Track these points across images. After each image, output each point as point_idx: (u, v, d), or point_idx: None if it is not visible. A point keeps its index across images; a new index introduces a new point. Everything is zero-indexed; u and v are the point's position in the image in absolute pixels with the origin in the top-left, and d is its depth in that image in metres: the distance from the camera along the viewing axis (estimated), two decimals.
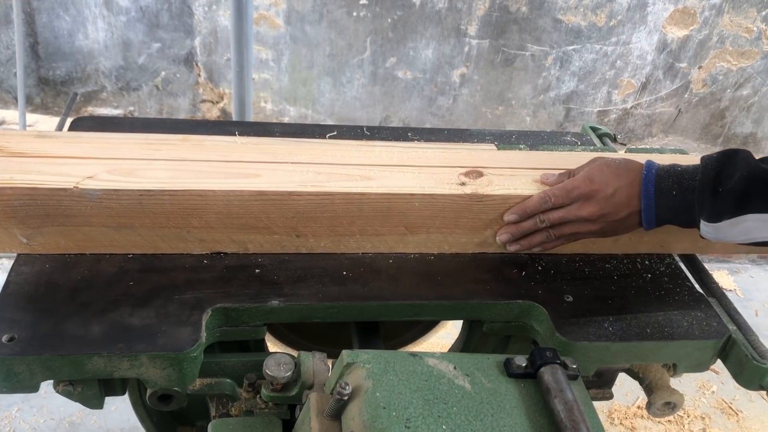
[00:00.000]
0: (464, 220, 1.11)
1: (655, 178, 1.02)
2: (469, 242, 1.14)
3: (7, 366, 0.87)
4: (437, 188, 1.09)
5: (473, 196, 1.09)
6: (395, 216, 1.09)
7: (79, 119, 1.37)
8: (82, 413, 2.12)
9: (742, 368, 1.04)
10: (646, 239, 1.19)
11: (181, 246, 1.07)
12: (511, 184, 1.12)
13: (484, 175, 1.14)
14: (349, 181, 1.08)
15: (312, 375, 0.96)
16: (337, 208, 1.06)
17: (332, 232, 1.09)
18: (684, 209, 1.00)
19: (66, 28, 3.20)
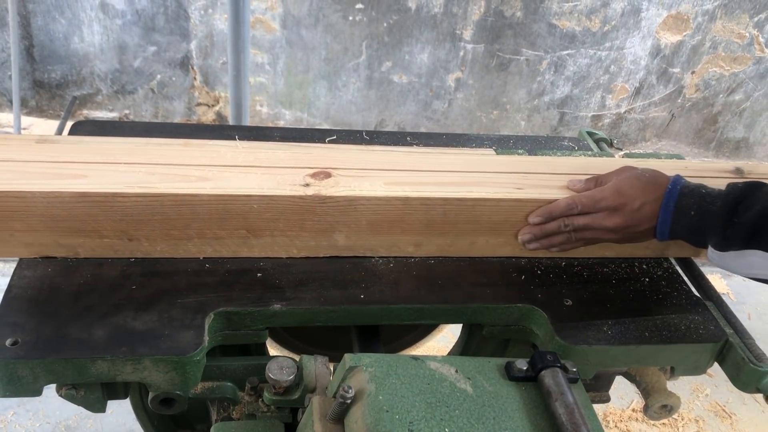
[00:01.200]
0: (309, 223, 1.07)
1: (678, 194, 1.03)
2: (318, 245, 1.11)
3: (11, 370, 0.87)
4: (277, 190, 1.05)
5: (315, 198, 1.05)
6: (234, 219, 1.05)
7: (78, 123, 1.37)
8: (78, 417, 2.12)
9: (739, 371, 1.05)
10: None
11: (6, 251, 1.03)
12: (358, 186, 1.08)
13: (332, 176, 1.10)
14: (182, 182, 1.03)
15: (314, 378, 0.97)
16: (168, 211, 1.02)
17: (167, 235, 1.05)
18: (697, 230, 1.02)
19: (61, 30, 3.19)
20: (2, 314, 0.93)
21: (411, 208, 1.09)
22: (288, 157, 1.16)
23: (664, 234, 1.05)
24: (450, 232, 1.13)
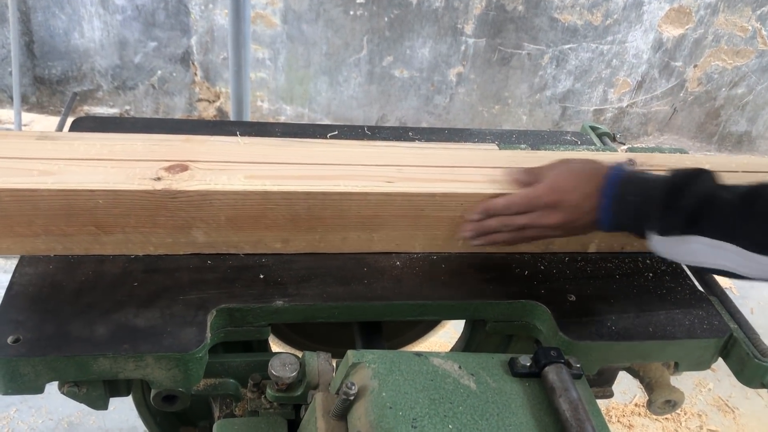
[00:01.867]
0: (162, 219, 1.02)
1: (620, 182, 1.00)
2: (176, 242, 1.06)
3: (13, 367, 0.87)
4: (125, 184, 0.99)
5: (165, 193, 1.00)
6: (80, 215, 1.00)
7: (79, 119, 1.37)
8: (80, 413, 2.12)
9: (743, 366, 1.05)
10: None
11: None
12: (214, 179, 1.03)
13: (189, 170, 1.05)
14: (23, 176, 0.98)
15: (317, 375, 0.96)
16: (8, 207, 0.97)
17: (11, 232, 1.00)
18: (639, 217, 0.98)
19: (62, 26, 3.19)
20: (4, 311, 0.93)
21: (272, 203, 1.04)
22: (145, 149, 1.10)
23: (606, 224, 1.01)
24: (317, 227, 1.08)
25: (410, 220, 1.10)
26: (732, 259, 0.90)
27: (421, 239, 1.13)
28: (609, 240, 1.18)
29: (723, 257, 0.91)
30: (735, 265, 0.91)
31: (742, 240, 0.89)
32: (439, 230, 1.12)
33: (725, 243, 0.90)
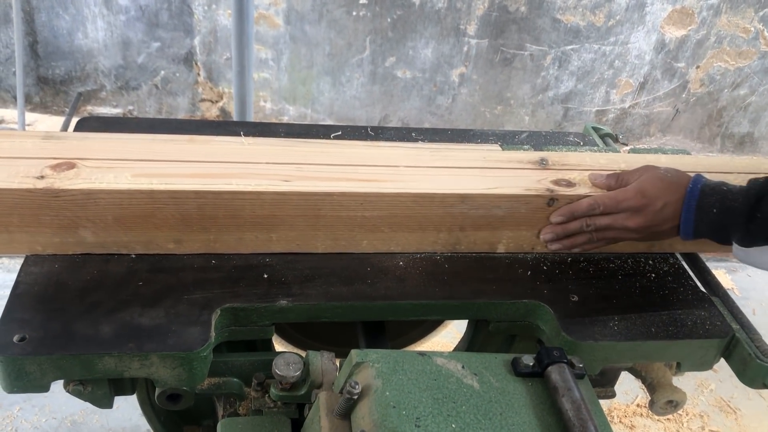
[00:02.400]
0: (47, 218, 1.00)
1: (699, 194, 1.04)
2: (64, 242, 1.03)
3: (19, 366, 0.87)
4: (5, 182, 0.97)
5: (48, 191, 0.97)
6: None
7: (84, 119, 1.37)
8: (84, 412, 2.13)
9: (745, 367, 1.05)
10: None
11: None
12: (100, 178, 1.00)
13: (76, 168, 1.02)
14: None
15: (321, 374, 0.97)
16: None
17: None
18: (721, 228, 1.03)
19: (65, 27, 3.20)
20: (10, 310, 0.93)
21: (160, 202, 1.01)
22: (34, 146, 1.08)
23: (688, 233, 1.06)
24: (211, 227, 1.06)
25: (309, 220, 1.08)
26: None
27: (322, 239, 1.11)
28: (518, 241, 1.17)
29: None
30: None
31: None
32: (340, 230, 1.10)
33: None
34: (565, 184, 1.15)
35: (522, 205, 1.12)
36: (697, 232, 1.05)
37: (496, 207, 1.11)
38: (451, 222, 1.12)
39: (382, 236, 1.12)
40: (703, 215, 1.03)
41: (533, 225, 1.15)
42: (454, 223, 1.12)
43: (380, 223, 1.10)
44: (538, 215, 1.14)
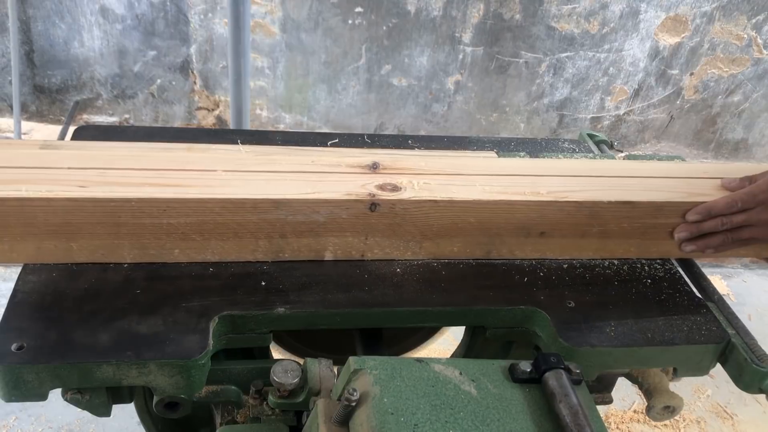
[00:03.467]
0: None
1: None
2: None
3: (17, 374, 0.87)
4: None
5: None
6: None
7: (81, 128, 1.38)
8: (80, 421, 2.12)
9: (741, 372, 1.05)
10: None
11: None
12: None
13: None
14: None
15: (319, 381, 0.97)
16: None
17: None
18: None
19: (61, 36, 3.20)
20: (7, 319, 0.93)
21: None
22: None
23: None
24: (4, 237, 1.00)
25: (109, 228, 1.02)
26: None
27: (128, 248, 1.05)
28: (345, 248, 1.13)
29: None
30: None
31: None
32: (147, 238, 1.04)
33: None
34: (391, 188, 1.10)
35: (342, 210, 1.07)
36: None
37: (315, 213, 1.06)
38: (270, 229, 1.07)
39: (194, 245, 1.06)
40: None
41: (359, 231, 1.10)
42: (272, 231, 1.07)
43: (189, 231, 1.05)
44: (363, 221, 1.09)
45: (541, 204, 1.12)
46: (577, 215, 1.14)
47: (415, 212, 1.09)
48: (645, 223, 1.17)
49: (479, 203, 1.10)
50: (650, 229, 1.18)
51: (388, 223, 1.09)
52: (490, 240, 1.15)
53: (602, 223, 1.16)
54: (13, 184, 0.98)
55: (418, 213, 1.09)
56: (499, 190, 1.12)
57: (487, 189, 1.12)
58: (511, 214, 1.12)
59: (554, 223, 1.14)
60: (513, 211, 1.12)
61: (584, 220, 1.14)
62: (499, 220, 1.12)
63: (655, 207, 1.15)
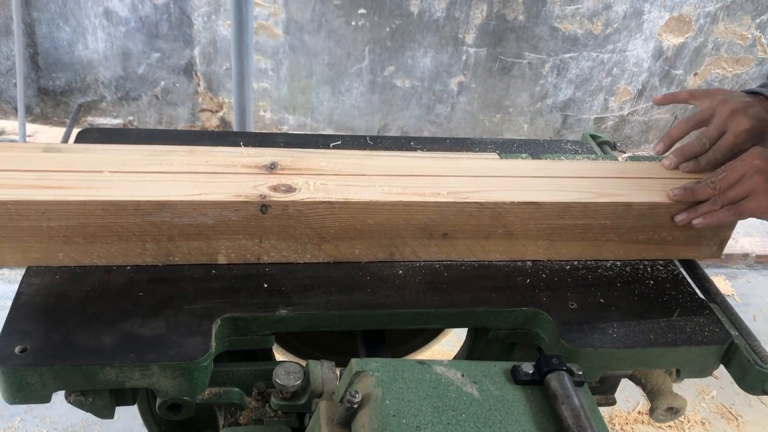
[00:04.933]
0: None
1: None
2: None
3: (20, 377, 0.88)
4: None
5: None
6: None
7: (85, 131, 1.38)
8: (84, 422, 2.13)
9: (744, 373, 1.05)
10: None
11: None
12: None
13: None
14: None
15: (321, 383, 0.97)
16: None
17: None
18: None
19: (66, 38, 3.21)
20: (11, 321, 0.94)
21: None
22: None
23: None
24: None
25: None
26: None
27: (10, 251, 1.02)
28: (239, 251, 1.09)
29: None
30: None
31: None
32: (29, 242, 1.01)
33: None
34: (285, 189, 1.06)
35: (231, 212, 1.03)
36: None
37: (203, 215, 1.03)
38: (156, 232, 1.03)
39: (78, 248, 1.03)
40: None
41: (252, 233, 1.06)
42: (159, 233, 1.03)
43: (72, 234, 1.01)
44: (255, 223, 1.05)
45: (441, 205, 1.09)
46: (479, 216, 1.11)
47: (310, 214, 1.06)
48: (552, 224, 1.14)
49: (376, 204, 1.07)
50: (559, 230, 1.15)
51: (283, 225, 1.06)
52: (391, 242, 1.12)
53: (506, 224, 1.13)
54: None
55: (312, 215, 1.06)
56: (399, 191, 1.10)
57: (386, 190, 1.09)
58: (410, 215, 1.09)
59: (456, 224, 1.11)
60: (412, 212, 1.09)
61: (487, 221, 1.12)
62: (398, 222, 1.09)
63: (561, 207, 1.13)
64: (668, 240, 1.21)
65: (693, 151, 1.24)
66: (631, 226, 1.18)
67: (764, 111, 1.21)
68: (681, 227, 1.18)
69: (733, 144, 1.19)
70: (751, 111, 1.19)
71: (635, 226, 1.18)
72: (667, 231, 1.20)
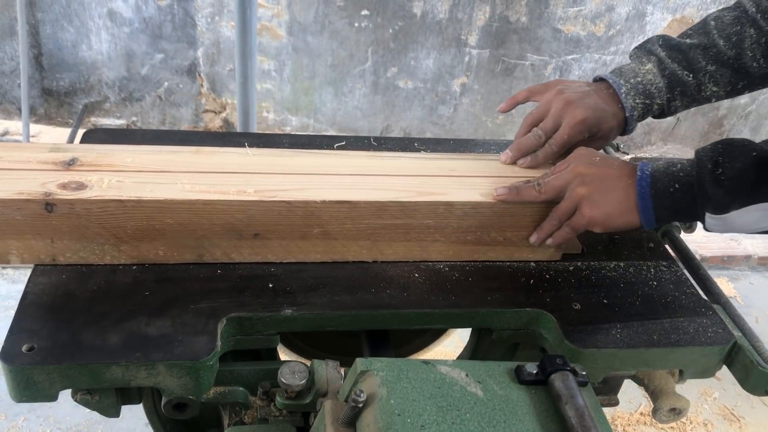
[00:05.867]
0: None
1: (650, 178, 1.02)
2: None
3: (27, 375, 0.88)
4: None
5: None
6: None
7: (90, 131, 1.39)
8: (88, 422, 2.13)
9: (747, 374, 1.05)
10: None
11: None
12: None
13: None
14: None
15: (326, 383, 0.98)
16: None
17: None
18: (684, 205, 0.99)
19: (70, 39, 3.22)
20: (18, 320, 0.94)
21: None
22: None
23: (650, 222, 1.03)
24: None
25: None
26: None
27: None
28: (32, 252, 1.05)
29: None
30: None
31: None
32: None
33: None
34: (75, 187, 1.00)
35: (14, 211, 0.98)
36: (660, 218, 1.03)
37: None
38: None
39: None
40: (661, 200, 1.00)
41: (42, 233, 1.01)
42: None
43: None
44: (43, 222, 1.00)
45: (246, 204, 1.03)
46: (290, 216, 1.05)
47: (100, 213, 1.00)
48: (371, 224, 1.09)
49: (173, 203, 1.01)
50: (380, 230, 1.10)
51: (73, 224, 1.01)
52: (198, 242, 1.06)
53: (322, 224, 1.07)
54: None
55: (103, 214, 1.00)
56: (203, 188, 1.04)
57: (188, 188, 1.04)
58: (213, 214, 1.03)
59: (266, 224, 1.06)
60: (215, 212, 1.03)
61: (299, 220, 1.06)
62: (201, 221, 1.04)
63: (377, 207, 1.07)
64: (500, 241, 1.15)
65: (529, 146, 1.20)
66: (457, 226, 1.12)
67: (602, 100, 1.18)
68: (512, 229, 1.14)
69: (569, 135, 1.15)
70: (586, 101, 1.16)
71: (461, 226, 1.12)
72: (496, 232, 1.14)
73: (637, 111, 1.19)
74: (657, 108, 1.21)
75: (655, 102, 1.20)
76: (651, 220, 1.03)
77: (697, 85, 1.20)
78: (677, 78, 1.19)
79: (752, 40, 1.15)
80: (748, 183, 0.93)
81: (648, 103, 1.19)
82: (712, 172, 0.95)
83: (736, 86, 1.20)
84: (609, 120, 1.17)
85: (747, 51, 1.15)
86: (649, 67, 1.19)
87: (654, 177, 1.02)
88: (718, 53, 1.17)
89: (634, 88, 1.18)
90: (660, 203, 1.01)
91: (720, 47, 1.17)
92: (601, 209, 1.05)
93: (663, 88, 1.19)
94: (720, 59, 1.17)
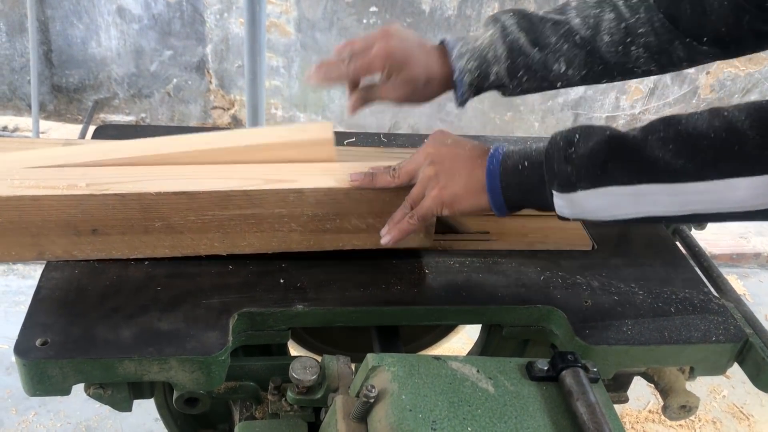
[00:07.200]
0: None
1: (502, 156, 0.97)
2: None
3: (41, 369, 0.89)
4: None
5: None
6: None
7: (101, 127, 1.40)
8: (98, 417, 2.14)
9: (759, 371, 1.05)
10: None
11: None
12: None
13: None
14: None
15: (337, 378, 0.98)
16: None
17: None
18: (533, 185, 0.93)
19: (79, 36, 3.23)
20: (32, 315, 0.95)
21: None
22: None
23: (500, 206, 0.98)
24: None
25: None
26: (657, 201, 0.86)
27: None
28: None
29: (647, 202, 0.87)
30: (663, 208, 0.86)
31: (662, 174, 0.83)
32: None
33: (644, 185, 0.85)
34: None
35: None
36: (510, 200, 0.97)
37: None
38: None
39: None
40: (509, 177, 0.95)
41: None
42: None
43: None
44: None
45: (77, 198, 0.98)
46: (125, 210, 1.00)
47: None
48: (216, 215, 1.03)
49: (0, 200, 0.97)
50: (228, 222, 1.05)
51: None
52: (35, 240, 1.01)
53: (163, 217, 1.02)
54: None
55: None
56: (32, 184, 0.99)
57: (16, 183, 0.98)
58: (44, 210, 0.99)
59: (102, 219, 1.01)
60: (44, 207, 0.98)
61: (137, 214, 1.01)
62: (33, 218, 0.99)
63: (219, 197, 1.02)
64: (363, 228, 1.09)
65: (332, 68, 1.12)
66: (312, 214, 1.06)
67: (425, 53, 1.09)
68: (373, 216, 1.08)
69: (374, 56, 1.07)
70: (402, 34, 1.08)
71: (317, 214, 1.06)
72: (357, 219, 1.08)
73: (469, 75, 1.09)
74: (495, 78, 1.11)
75: (492, 69, 1.09)
76: (500, 201, 0.97)
77: (544, 60, 1.09)
78: (519, 47, 1.08)
79: (610, 24, 1.06)
80: (598, 162, 0.87)
81: (484, 69, 1.09)
82: (564, 150, 0.90)
83: (592, 70, 1.10)
84: (420, 65, 1.09)
85: (604, 35, 1.06)
86: (492, 32, 1.09)
87: (506, 155, 0.96)
88: (570, 31, 1.07)
89: (470, 52, 1.09)
90: (508, 181, 0.95)
91: (573, 25, 1.07)
92: (448, 190, 0.98)
93: (502, 55, 1.08)
94: (572, 39, 1.07)
